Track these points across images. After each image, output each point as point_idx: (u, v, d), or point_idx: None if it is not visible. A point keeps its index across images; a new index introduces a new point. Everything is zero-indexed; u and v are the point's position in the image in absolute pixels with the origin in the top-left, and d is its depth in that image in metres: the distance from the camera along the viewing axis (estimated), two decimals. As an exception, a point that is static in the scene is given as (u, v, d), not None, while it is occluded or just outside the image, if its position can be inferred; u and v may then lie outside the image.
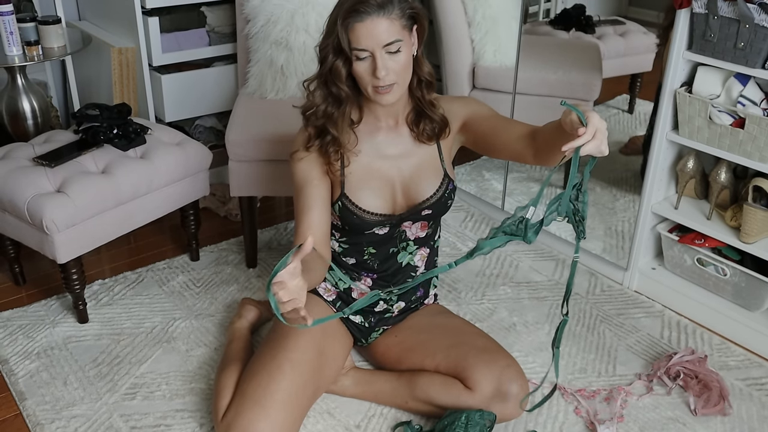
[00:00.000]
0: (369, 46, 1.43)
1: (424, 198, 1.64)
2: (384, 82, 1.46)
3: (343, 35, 1.44)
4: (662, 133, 2.02)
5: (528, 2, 2.66)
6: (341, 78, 1.50)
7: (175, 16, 2.53)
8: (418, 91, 1.59)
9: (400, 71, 1.47)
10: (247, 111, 2.25)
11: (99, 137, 2.09)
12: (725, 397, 1.77)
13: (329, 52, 1.49)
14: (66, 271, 1.97)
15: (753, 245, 1.93)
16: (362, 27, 1.42)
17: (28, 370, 1.87)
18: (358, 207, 1.61)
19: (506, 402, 1.60)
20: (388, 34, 1.43)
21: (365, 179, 1.62)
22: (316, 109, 1.56)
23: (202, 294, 2.20)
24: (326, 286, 1.76)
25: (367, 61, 1.46)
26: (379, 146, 1.63)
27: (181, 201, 2.21)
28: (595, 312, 2.13)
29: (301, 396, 1.56)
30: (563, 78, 2.55)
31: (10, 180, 1.93)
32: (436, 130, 1.63)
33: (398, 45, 1.45)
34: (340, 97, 1.54)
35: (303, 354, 1.60)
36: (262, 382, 1.55)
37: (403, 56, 1.47)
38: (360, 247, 1.70)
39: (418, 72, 1.56)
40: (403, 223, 1.67)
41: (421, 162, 1.65)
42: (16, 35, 2.28)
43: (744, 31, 1.73)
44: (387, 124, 1.63)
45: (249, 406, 1.51)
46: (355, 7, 1.43)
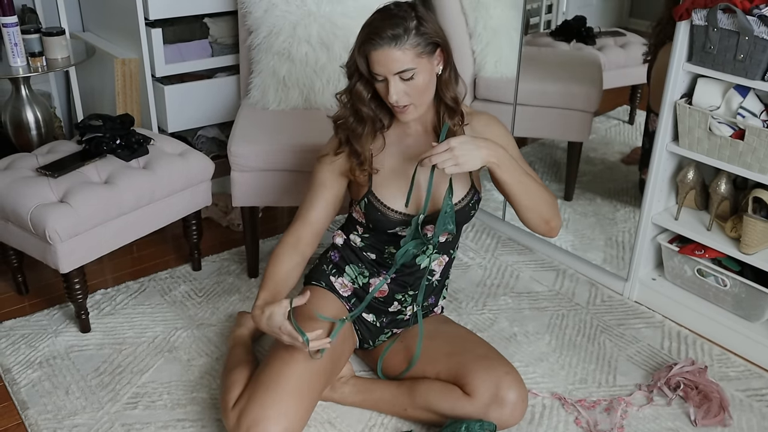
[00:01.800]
0: (381, 73, 1.50)
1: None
2: (398, 104, 1.53)
3: (361, 61, 1.53)
4: (662, 144, 2.03)
5: (529, 14, 2.67)
6: (363, 100, 1.59)
7: (178, 27, 2.54)
8: (443, 113, 1.62)
9: (415, 95, 1.53)
10: (249, 122, 2.25)
11: (102, 148, 2.10)
12: (725, 408, 1.77)
13: (353, 72, 1.58)
14: (69, 281, 1.98)
15: (753, 256, 1.93)
16: (376, 55, 1.49)
17: (31, 379, 1.87)
18: (383, 204, 1.65)
19: (503, 408, 1.60)
20: (399, 63, 1.48)
21: (392, 178, 1.66)
22: (345, 120, 1.64)
23: (204, 303, 2.20)
24: (343, 282, 1.78)
25: (384, 83, 1.53)
26: (408, 149, 1.66)
27: (183, 211, 2.22)
28: (595, 322, 2.13)
29: (314, 385, 1.58)
30: (564, 89, 2.56)
31: (13, 190, 1.94)
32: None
33: (411, 73, 1.50)
34: (362, 116, 1.61)
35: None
36: (275, 368, 1.57)
37: (418, 81, 1.51)
38: (381, 245, 1.73)
39: (442, 96, 1.60)
40: (425, 227, 1.68)
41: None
42: (20, 46, 2.29)
43: (743, 43, 1.74)
44: (416, 130, 1.67)
45: (262, 392, 1.53)
46: (369, 37, 1.49)
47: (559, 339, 2.06)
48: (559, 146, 2.93)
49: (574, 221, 2.58)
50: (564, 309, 2.20)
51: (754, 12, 1.72)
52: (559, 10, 2.78)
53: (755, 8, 1.72)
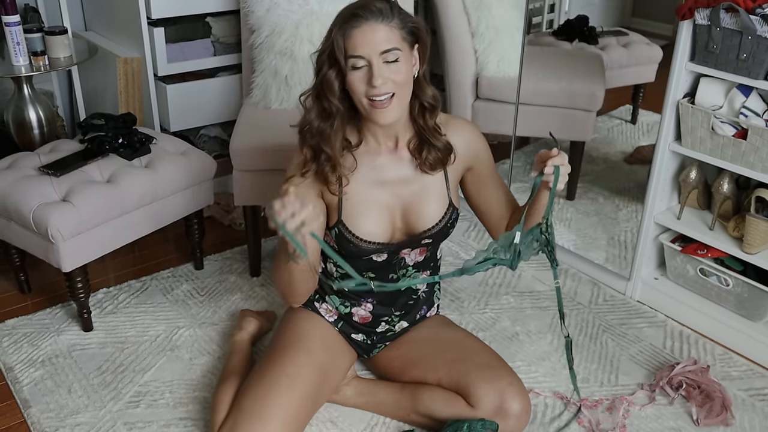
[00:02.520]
0: (366, 53, 1.39)
1: (425, 227, 1.60)
2: (380, 91, 1.41)
3: (339, 42, 1.40)
4: (665, 144, 2.03)
5: (531, 13, 2.68)
6: (333, 91, 1.45)
7: (181, 26, 2.56)
8: (420, 117, 1.53)
9: (399, 82, 1.42)
10: (251, 121, 2.26)
11: (104, 147, 2.10)
12: (728, 408, 1.76)
13: (324, 61, 1.44)
14: (71, 280, 1.99)
15: (755, 256, 1.93)
16: (359, 33, 1.39)
17: (33, 378, 1.87)
18: (354, 235, 1.57)
19: (507, 420, 1.58)
20: (386, 41, 1.39)
21: (363, 206, 1.57)
22: (310, 125, 1.50)
23: (206, 302, 2.21)
24: (327, 308, 1.74)
25: (363, 70, 1.41)
26: (379, 170, 1.57)
27: (185, 210, 2.22)
28: (597, 322, 2.13)
29: (300, 410, 1.55)
30: (566, 88, 2.56)
31: (16, 189, 1.94)
32: (440, 158, 1.57)
33: (396, 54, 1.40)
34: (330, 112, 1.48)
35: (301, 369, 1.59)
36: (259, 396, 1.53)
37: (402, 67, 1.42)
38: (358, 272, 1.63)
39: (420, 95, 1.51)
40: (401, 251, 1.64)
41: (424, 189, 1.60)
42: (22, 45, 2.30)
43: (746, 43, 1.74)
44: (387, 146, 1.57)
45: (246, 419, 1.50)
46: (353, 12, 1.39)
47: (561, 338, 2.05)
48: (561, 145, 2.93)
49: (576, 220, 2.58)
50: (566, 308, 2.19)
51: (756, 11, 1.72)
52: (561, 10, 2.79)
53: (758, 8, 1.73)
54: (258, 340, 2.00)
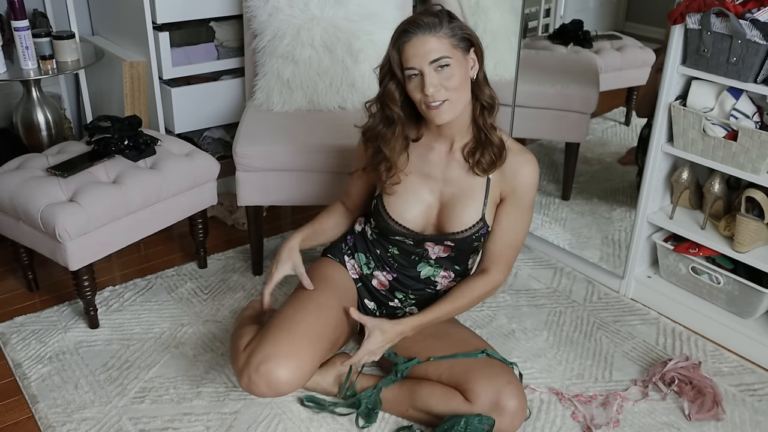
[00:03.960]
0: (417, 64, 1.49)
1: (453, 230, 1.67)
2: (434, 98, 1.50)
3: (394, 56, 1.52)
4: (657, 145, 2.04)
5: (527, 17, 2.68)
6: (395, 101, 1.57)
7: (185, 31, 2.55)
8: (480, 117, 1.61)
9: (451, 88, 1.51)
10: (254, 123, 2.27)
11: (110, 148, 2.11)
12: (719, 403, 1.78)
13: (385, 75, 1.57)
14: (78, 278, 2.00)
15: (746, 254, 1.95)
16: (410, 46, 1.49)
17: (41, 374, 1.89)
18: (388, 215, 1.68)
19: (503, 416, 1.60)
20: (435, 50, 1.48)
21: (404, 191, 1.68)
22: (373, 129, 1.64)
23: (210, 301, 2.22)
24: (353, 264, 1.82)
25: (417, 79, 1.51)
26: (429, 164, 1.67)
27: (189, 210, 2.24)
28: (592, 319, 2.15)
29: (323, 334, 1.62)
30: (561, 91, 2.57)
31: (24, 189, 1.95)
32: (493, 160, 1.63)
33: (446, 61, 1.49)
34: (392, 119, 1.60)
35: (327, 300, 1.69)
36: (288, 314, 1.62)
37: (453, 73, 1.50)
38: (386, 244, 1.76)
39: (479, 95, 1.59)
40: (426, 242, 1.71)
41: (464, 195, 1.66)
42: (31, 50, 2.31)
43: (736, 47, 1.76)
44: (441, 146, 1.67)
45: (274, 332, 1.57)
46: (404, 28, 1.50)
47: (556, 335, 2.08)
48: (556, 147, 2.94)
49: (571, 220, 2.59)
50: (561, 306, 2.21)
51: (746, 16, 1.74)
52: (556, 14, 2.78)
53: (747, 12, 1.74)
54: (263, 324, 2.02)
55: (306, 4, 2.29)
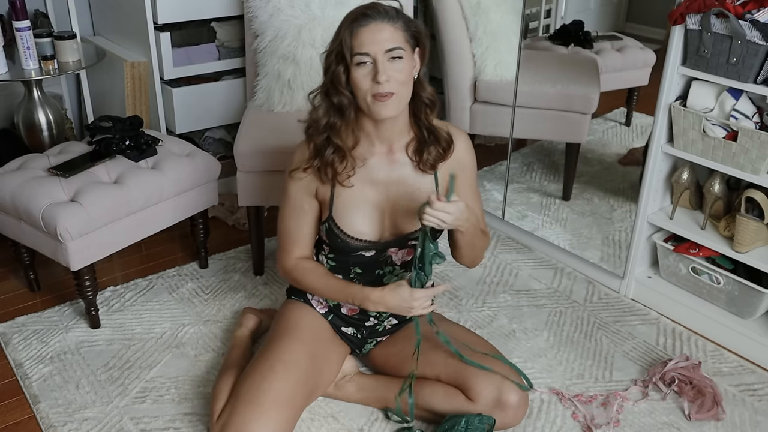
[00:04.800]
0: (372, 51, 1.45)
1: (413, 229, 1.64)
2: (384, 88, 1.46)
3: (347, 40, 1.46)
4: (657, 146, 2.05)
5: (528, 18, 2.68)
6: (342, 85, 1.50)
7: (186, 31, 2.56)
8: (423, 115, 1.59)
9: (401, 81, 1.48)
10: (255, 123, 2.27)
11: (112, 148, 2.12)
12: (719, 403, 1.78)
13: (332, 60, 1.50)
14: (79, 278, 2.00)
15: (746, 254, 1.95)
16: (366, 31, 1.45)
17: (42, 374, 1.90)
18: (343, 231, 1.63)
19: (506, 412, 1.61)
20: (391, 40, 1.46)
21: (353, 204, 1.62)
22: (319, 122, 1.56)
23: (211, 301, 2.23)
24: (318, 299, 1.78)
25: (368, 67, 1.46)
26: (370, 170, 1.61)
27: (190, 210, 2.24)
28: (592, 319, 2.16)
29: (295, 396, 1.58)
30: (562, 92, 2.57)
31: (26, 190, 1.96)
32: (441, 154, 1.61)
33: (400, 53, 1.46)
34: (342, 106, 1.53)
35: (294, 355, 1.63)
36: (255, 382, 1.57)
37: (404, 66, 1.48)
38: (347, 266, 1.70)
39: (421, 94, 1.57)
40: (388, 249, 1.67)
41: (414, 191, 1.63)
42: (32, 50, 2.32)
43: (736, 47, 1.76)
44: (380, 149, 1.61)
45: (242, 406, 1.54)
46: (362, 12, 1.47)
47: (557, 335, 2.08)
48: (557, 147, 2.95)
49: (571, 221, 2.60)
50: (562, 306, 2.22)
51: (746, 17, 1.74)
52: (557, 15, 2.79)
53: (747, 13, 1.75)
54: (259, 336, 2.03)
55: (307, 5, 2.30)
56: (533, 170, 2.91)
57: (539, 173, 2.89)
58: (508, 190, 2.64)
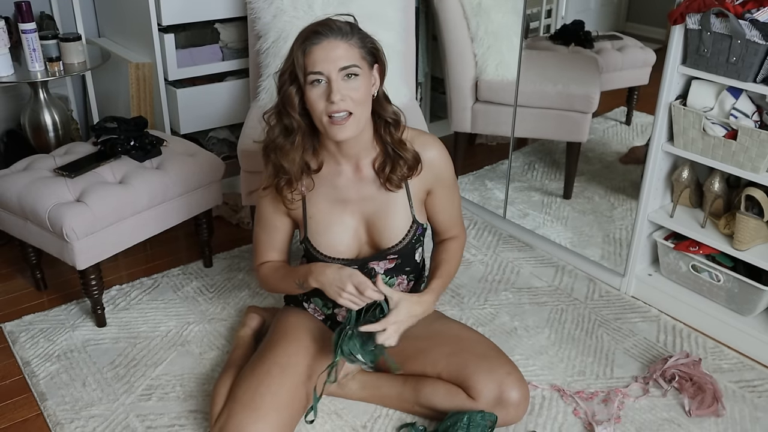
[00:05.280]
0: (325, 69, 1.40)
1: (390, 244, 1.63)
2: (339, 107, 1.41)
3: (299, 59, 1.41)
4: (658, 144, 2.05)
5: (529, 18, 2.69)
6: (294, 107, 1.46)
7: (190, 32, 2.57)
8: (386, 134, 1.54)
9: (357, 100, 1.43)
10: (258, 123, 2.23)
11: (117, 149, 2.13)
12: (719, 399, 1.79)
13: (285, 79, 1.45)
14: (85, 277, 2.02)
15: (745, 252, 1.96)
16: (319, 49, 1.40)
17: (49, 371, 1.91)
18: (320, 252, 1.62)
19: (508, 408, 1.62)
20: (345, 58, 1.40)
21: (327, 224, 1.60)
22: (273, 142, 1.52)
23: (215, 299, 2.24)
24: (314, 308, 1.79)
25: (322, 86, 1.41)
26: (340, 190, 1.59)
27: (194, 210, 2.25)
28: (593, 316, 2.16)
29: (293, 399, 1.58)
30: (563, 91, 2.58)
31: (32, 190, 1.97)
32: (406, 174, 1.58)
33: (355, 70, 1.42)
34: (292, 128, 1.49)
35: (291, 358, 1.63)
36: (251, 386, 1.57)
37: (360, 84, 1.43)
38: None
39: (382, 113, 1.53)
40: (369, 263, 1.66)
41: (387, 206, 1.61)
42: (38, 52, 2.33)
43: (736, 46, 1.76)
44: (347, 168, 1.59)
45: (239, 410, 1.53)
46: (313, 30, 1.41)
47: (558, 333, 2.09)
48: (558, 146, 2.95)
49: (572, 219, 2.61)
50: (563, 304, 2.23)
51: (745, 16, 1.75)
52: (558, 15, 2.79)
53: (747, 12, 1.75)
54: (262, 335, 2.04)
55: (310, 6, 2.30)
56: (534, 169, 2.92)
57: (540, 172, 2.90)
58: (509, 188, 2.65)
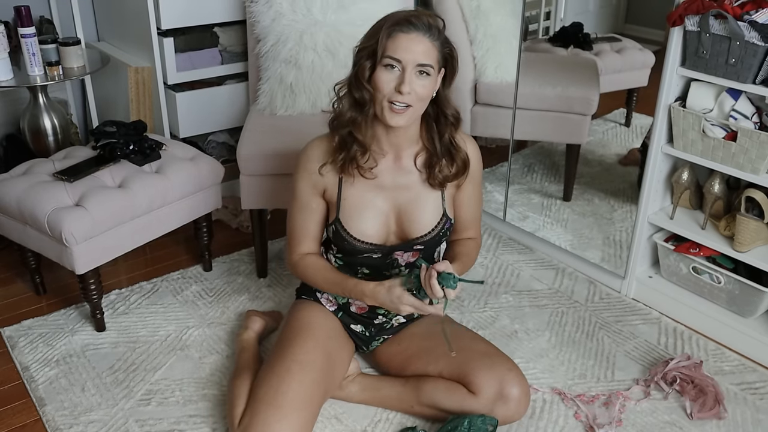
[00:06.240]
0: (404, 59, 1.44)
1: (419, 234, 1.65)
2: (404, 99, 1.46)
3: (383, 40, 1.45)
4: (658, 146, 2.05)
5: (528, 20, 2.70)
6: (365, 78, 1.49)
7: (189, 36, 2.57)
8: (446, 130, 1.59)
9: (421, 96, 1.48)
10: (257, 127, 2.28)
11: (116, 153, 2.13)
12: (720, 402, 1.79)
13: (363, 55, 1.49)
14: (84, 282, 2.01)
15: (746, 254, 1.96)
16: (405, 39, 1.44)
17: (48, 377, 1.91)
18: (349, 234, 1.63)
19: (508, 404, 1.62)
20: (426, 55, 1.45)
21: (359, 208, 1.63)
22: (343, 115, 1.56)
23: (215, 303, 2.24)
24: (328, 297, 1.80)
25: (395, 72, 1.46)
26: (377, 175, 1.62)
27: (194, 213, 2.25)
28: (594, 319, 2.16)
29: (313, 395, 1.60)
30: (562, 93, 2.58)
31: (31, 194, 1.97)
32: (453, 175, 1.62)
33: (429, 70, 1.46)
34: (363, 101, 1.52)
35: (309, 355, 1.64)
36: (273, 384, 1.58)
37: (429, 83, 1.48)
38: (354, 267, 1.72)
39: (445, 110, 1.57)
40: (394, 252, 1.68)
41: (420, 197, 1.64)
42: (38, 56, 2.33)
43: (735, 48, 1.77)
44: (389, 155, 1.62)
45: (263, 409, 1.54)
46: (407, 18, 1.45)
47: (558, 336, 2.09)
48: (557, 149, 2.96)
49: (572, 221, 2.61)
50: (563, 306, 2.23)
51: (744, 18, 1.75)
52: (556, 17, 2.80)
53: (746, 14, 1.76)
54: (264, 338, 2.04)
55: (308, 9, 2.31)
56: (534, 171, 2.92)
57: (540, 174, 2.90)
58: (509, 191, 2.65)
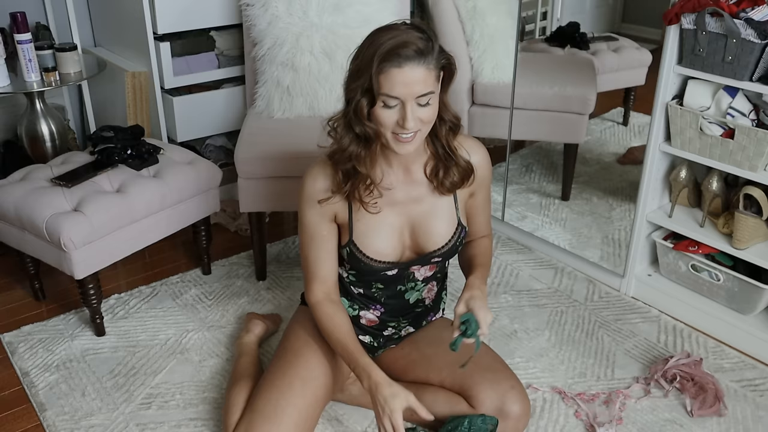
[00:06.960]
0: (402, 95, 1.35)
1: (435, 247, 1.61)
2: (408, 132, 1.40)
3: (376, 78, 1.35)
4: (655, 145, 2.06)
5: (524, 21, 2.70)
6: (364, 116, 1.42)
7: (186, 40, 2.57)
8: (445, 137, 1.53)
9: (426, 120, 1.42)
10: (255, 130, 2.28)
11: (114, 158, 2.14)
12: (720, 399, 1.79)
13: (356, 90, 1.40)
14: (83, 287, 2.02)
15: (745, 251, 1.96)
16: (399, 74, 1.34)
17: (48, 382, 1.91)
18: (364, 255, 1.58)
19: (508, 421, 1.60)
20: (423, 85, 1.36)
21: (373, 227, 1.57)
22: (345, 150, 1.48)
23: (214, 306, 2.24)
24: None
25: (395, 109, 1.38)
26: (388, 194, 1.57)
27: (192, 217, 2.25)
28: (593, 318, 2.16)
29: (312, 412, 1.58)
30: (559, 93, 2.58)
31: (29, 200, 1.97)
32: (458, 181, 1.57)
33: (430, 97, 1.39)
34: (368, 136, 1.45)
35: (313, 371, 1.62)
36: (272, 398, 1.56)
37: (432, 108, 1.41)
38: (369, 282, 1.68)
39: (444, 115, 1.50)
40: (411, 267, 1.65)
41: (434, 209, 1.60)
42: (34, 62, 2.33)
43: (731, 46, 1.77)
44: (398, 170, 1.57)
45: (260, 423, 1.53)
46: (395, 50, 1.33)
47: (558, 335, 2.09)
48: (555, 148, 2.97)
49: (571, 220, 2.61)
50: (563, 305, 2.23)
51: (740, 15, 1.75)
52: (553, 17, 2.81)
53: (742, 12, 1.76)
54: (264, 341, 2.04)
55: (305, 12, 2.31)
56: (532, 171, 2.92)
57: (538, 174, 2.90)
58: (507, 191, 2.65)
